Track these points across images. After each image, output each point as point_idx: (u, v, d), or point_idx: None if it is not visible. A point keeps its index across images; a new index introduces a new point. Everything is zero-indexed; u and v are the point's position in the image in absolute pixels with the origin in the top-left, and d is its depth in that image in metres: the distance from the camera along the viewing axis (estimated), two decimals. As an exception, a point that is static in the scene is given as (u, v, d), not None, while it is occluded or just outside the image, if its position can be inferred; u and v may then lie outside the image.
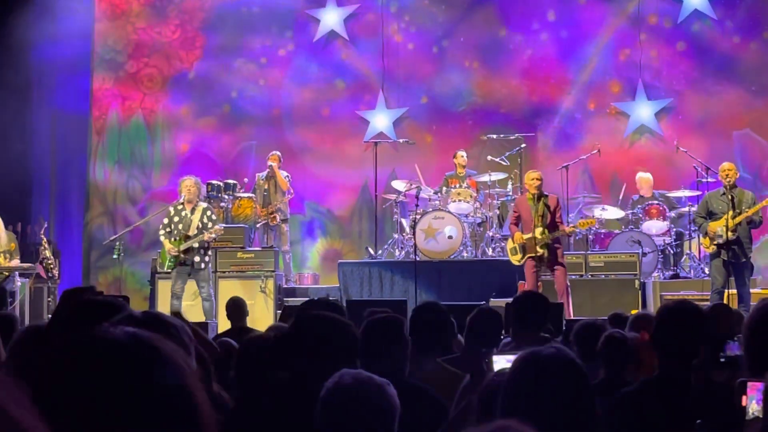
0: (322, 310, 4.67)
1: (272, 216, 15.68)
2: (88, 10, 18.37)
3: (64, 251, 17.14)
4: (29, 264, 14.24)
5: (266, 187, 15.86)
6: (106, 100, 18.47)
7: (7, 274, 13.72)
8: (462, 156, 15.98)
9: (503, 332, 6.47)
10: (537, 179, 13.03)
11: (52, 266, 15.01)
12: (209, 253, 13.65)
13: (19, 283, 14.01)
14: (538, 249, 12.84)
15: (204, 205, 13.72)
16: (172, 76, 18.44)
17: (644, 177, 15.77)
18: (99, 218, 18.23)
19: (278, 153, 16.04)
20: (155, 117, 18.43)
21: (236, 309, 10.08)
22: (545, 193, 13.15)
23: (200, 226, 13.38)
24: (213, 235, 13.37)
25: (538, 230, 12.85)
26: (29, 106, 17.82)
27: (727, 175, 12.76)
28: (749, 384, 3.29)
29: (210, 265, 13.74)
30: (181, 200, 13.53)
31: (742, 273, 12.60)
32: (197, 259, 13.42)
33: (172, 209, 13.62)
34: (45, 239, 15.26)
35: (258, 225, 15.84)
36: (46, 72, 18.07)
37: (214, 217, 13.64)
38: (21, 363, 3.57)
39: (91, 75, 18.44)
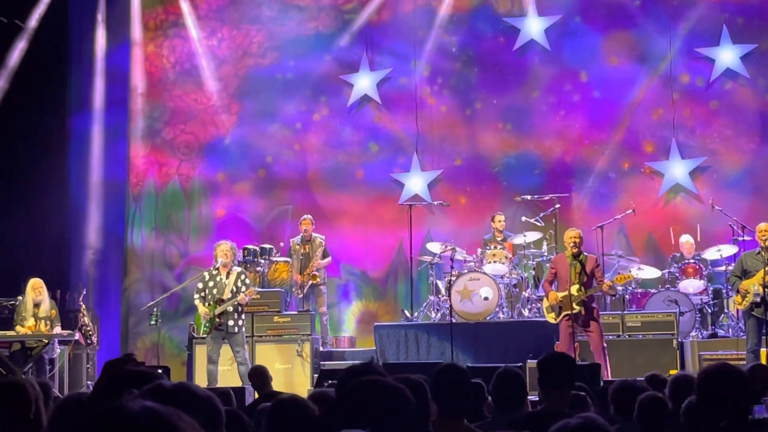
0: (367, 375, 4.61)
1: (313, 275, 15.75)
2: (125, 78, 18.65)
3: (102, 317, 17.25)
4: (68, 331, 14.33)
5: (303, 251, 15.95)
6: (143, 166, 18.67)
7: (46, 341, 13.83)
8: (500, 220, 16.01)
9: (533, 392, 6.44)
10: (573, 237, 13.04)
11: (90, 333, 15.12)
12: (243, 316, 13.66)
13: (58, 350, 14.11)
14: (574, 306, 12.80)
15: (238, 269, 13.76)
16: (208, 142, 18.64)
17: (687, 240, 15.67)
18: (137, 284, 18.35)
19: (310, 216, 16.17)
20: (192, 183, 18.61)
21: (259, 377, 10.19)
22: (585, 253, 13.15)
23: (234, 290, 13.40)
24: (247, 298, 13.41)
25: (575, 288, 12.82)
26: (67, 173, 18.04)
27: (764, 236, 12.75)
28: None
29: (244, 329, 13.73)
30: (217, 265, 13.55)
31: None
32: (231, 323, 13.41)
33: (207, 275, 13.63)
34: (83, 306, 15.37)
35: (295, 288, 15.88)
36: (84, 139, 18.31)
37: (248, 281, 13.67)
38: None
39: (129, 142, 18.66)
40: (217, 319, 13.32)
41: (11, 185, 16.92)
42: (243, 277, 13.62)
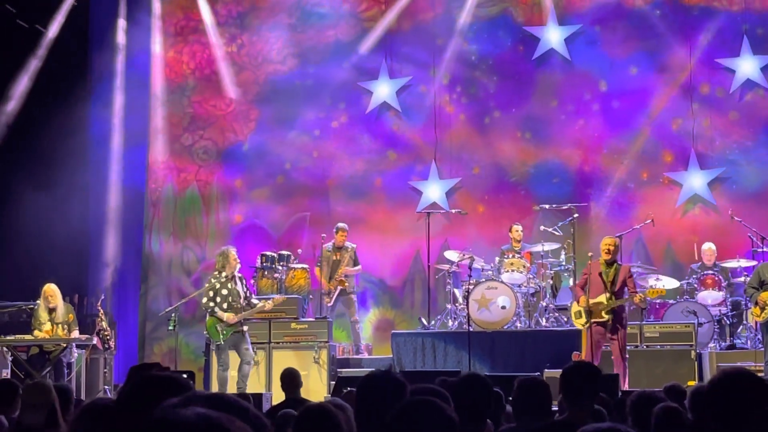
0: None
1: (341, 281, 15.81)
2: (145, 84, 18.71)
3: (120, 322, 17.30)
4: (86, 336, 14.37)
5: (334, 258, 15.97)
6: (162, 172, 18.72)
7: (64, 345, 13.87)
8: (517, 230, 15.98)
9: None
10: (608, 245, 13.03)
11: (108, 337, 15.15)
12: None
13: (75, 355, 14.14)
14: (604, 314, 12.77)
15: (239, 274, 13.91)
16: (226, 148, 18.67)
17: (709, 247, 15.60)
18: (154, 289, 18.39)
19: (347, 227, 16.19)
20: (210, 189, 18.64)
21: (291, 380, 10.08)
22: (619, 262, 13.13)
23: (243, 296, 13.70)
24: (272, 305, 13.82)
25: (605, 296, 12.79)
26: (87, 179, 18.10)
27: None
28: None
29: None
30: (228, 273, 13.58)
31: None
32: (246, 327, 13.77)
33: (217, 283, 13.59)
34: (101, 310, 15.41)
35: (323, 295, 15.93)
36: (104, 146, 18.38)
37: (246, 285, 14.04)
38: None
39: (148, 148, 18.71)
40: (238, 326, 13.52)
41: (31, 190, 16.97)
42: (243, 282, 13.98)
